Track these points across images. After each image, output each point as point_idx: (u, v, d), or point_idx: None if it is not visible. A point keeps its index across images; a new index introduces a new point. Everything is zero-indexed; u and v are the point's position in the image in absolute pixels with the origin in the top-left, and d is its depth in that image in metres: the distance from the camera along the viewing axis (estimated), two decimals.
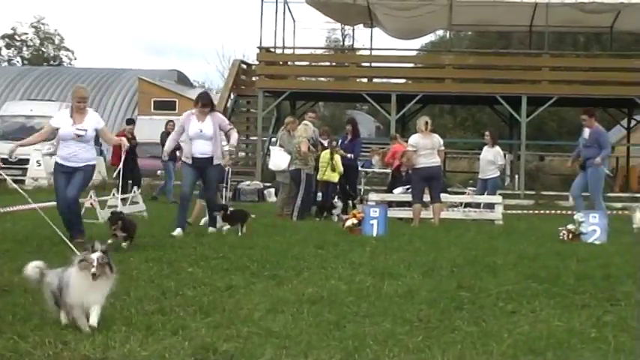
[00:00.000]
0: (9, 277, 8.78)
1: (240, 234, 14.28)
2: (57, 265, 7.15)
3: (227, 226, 14.61)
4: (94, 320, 6.62)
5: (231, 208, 15.12)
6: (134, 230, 12.43)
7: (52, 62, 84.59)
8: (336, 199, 19.45)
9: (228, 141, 15.08)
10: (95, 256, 6.70)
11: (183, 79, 61.14)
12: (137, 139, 24.50)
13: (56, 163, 13.05)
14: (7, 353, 5.93)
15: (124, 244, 11.97)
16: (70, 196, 12.48)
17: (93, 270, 6.62)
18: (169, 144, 15.53)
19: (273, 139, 26.52)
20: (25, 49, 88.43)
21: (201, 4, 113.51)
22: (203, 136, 14.33)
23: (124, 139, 13.36)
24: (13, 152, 13.13)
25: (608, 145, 18.47)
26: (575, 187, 18.05)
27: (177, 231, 14.06)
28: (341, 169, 19.99)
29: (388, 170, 24.99)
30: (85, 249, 6.91)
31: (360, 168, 25.46)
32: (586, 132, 17.89)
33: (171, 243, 12.74)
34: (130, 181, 22.01)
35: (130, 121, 26.86)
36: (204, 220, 15.72)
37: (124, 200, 18.03)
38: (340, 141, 21.37)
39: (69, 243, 9.24)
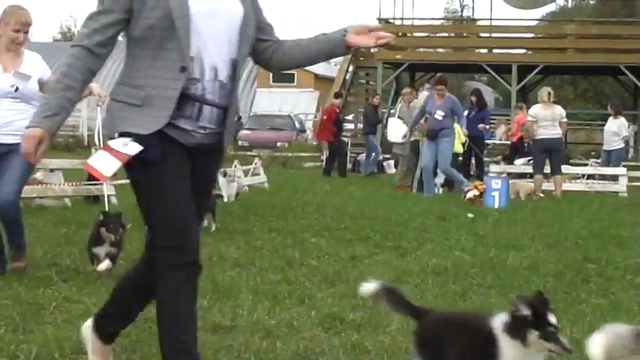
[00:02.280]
0: None
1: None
2: None
3: None
4: None
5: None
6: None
7: None
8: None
9: None
10: None
11: None
12: (256, 112, 24.67)
13: None
14: None
15: (102, 266, 7.45)
16: (7, 199, 7.25)
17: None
18: None
19: (392, 111, 26.44)
20: None
21: None
22: None
23: (94, 85, 7.33)
24: None
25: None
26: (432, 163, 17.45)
27: None
28: (463, 139, 19.81)
29: (508, 142, 24.73)
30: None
31: None
32: (438, 102, 17.27)
33: (293, 214, 12.81)
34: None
35: (339, 95, 27.03)
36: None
37: (245, 172, 18.26)
38: (466, 112, 21.08)
39: None
